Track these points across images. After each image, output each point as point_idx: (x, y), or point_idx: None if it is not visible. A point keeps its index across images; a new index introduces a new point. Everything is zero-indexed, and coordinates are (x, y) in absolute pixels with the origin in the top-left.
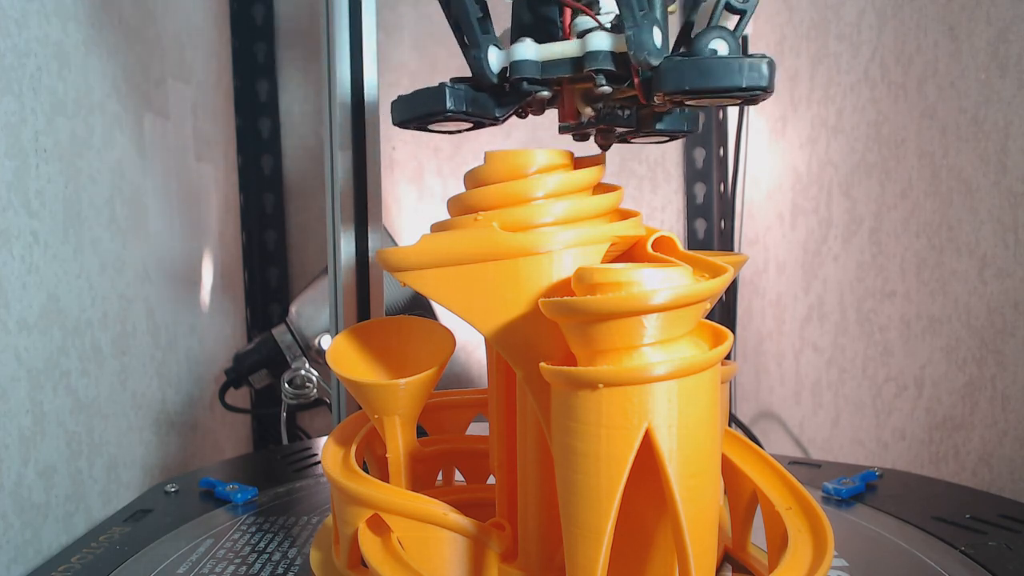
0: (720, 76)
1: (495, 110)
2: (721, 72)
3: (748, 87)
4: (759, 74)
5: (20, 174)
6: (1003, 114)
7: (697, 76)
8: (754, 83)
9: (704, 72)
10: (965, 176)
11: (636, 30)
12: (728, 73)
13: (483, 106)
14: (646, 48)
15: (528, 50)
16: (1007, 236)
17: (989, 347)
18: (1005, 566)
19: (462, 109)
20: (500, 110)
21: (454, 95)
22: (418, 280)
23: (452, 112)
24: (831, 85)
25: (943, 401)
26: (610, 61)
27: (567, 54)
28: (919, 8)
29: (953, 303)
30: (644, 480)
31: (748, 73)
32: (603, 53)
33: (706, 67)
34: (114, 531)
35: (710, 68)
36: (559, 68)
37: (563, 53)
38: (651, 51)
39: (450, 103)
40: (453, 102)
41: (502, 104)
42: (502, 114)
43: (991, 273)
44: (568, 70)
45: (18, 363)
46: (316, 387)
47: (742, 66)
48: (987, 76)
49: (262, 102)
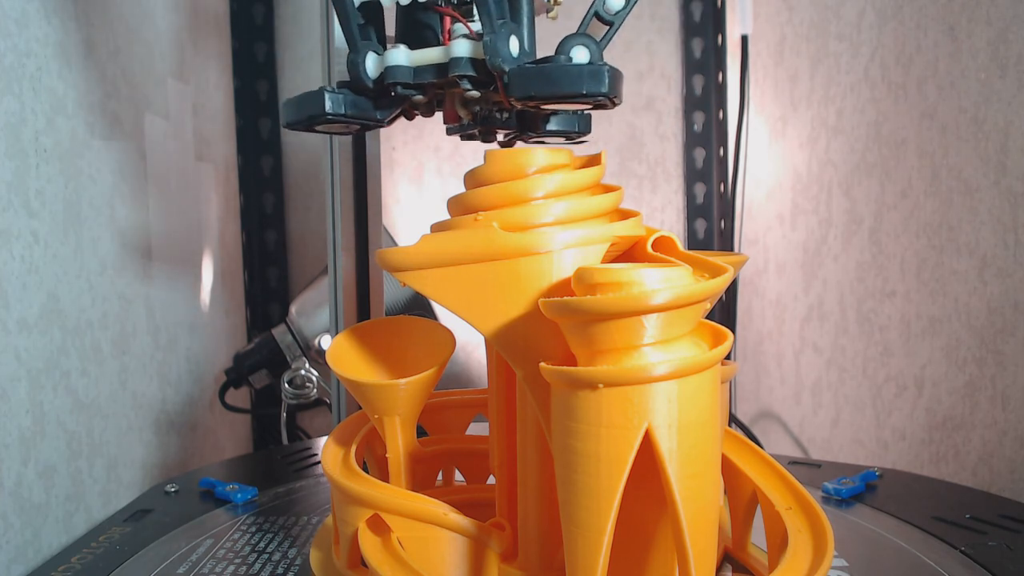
0: (562, 83)
1: (375, 113)
2: (563, 79)
3: (589, 93)
4: (599, 81)
5: (20, 174)
6: (1003, 114)
7: (541, 83)
8: (594, 90)
9: (547, 79)
10: (965, 176)
11: (492, 36)
12: (569, 80)
13: (364, 109)
14: (500, 55)
15: (400, 56)
16: (1007, 236)
17: (989, 347)
18: (1005, 566)
19: (341, 112)
20: (381, 113)
21: (333, 99)
22: (418, 280)
23: (331, 115)
24: (831, 85)
25: (943, 401)
26: (470, 67)
27: (434, 60)
28: (919, 8)
29: (953, 303)
30: (644, 480)
31: (588, 80)
32: (464, 59)
33: (550, 74)
34: (114, 531)
35: (553, 75)
36: (428, 73)
37: (431, 59)
38: (505, 58)
39: (329, 106)
40: (332, 105)
41: (382, 107)
42: (384, 116)
43: (991, 273)
44: (435, 75)
45: (18, 363)
46: (316, 387)
47: (582, 73)
48: (987, 76)
49: (262, 102)
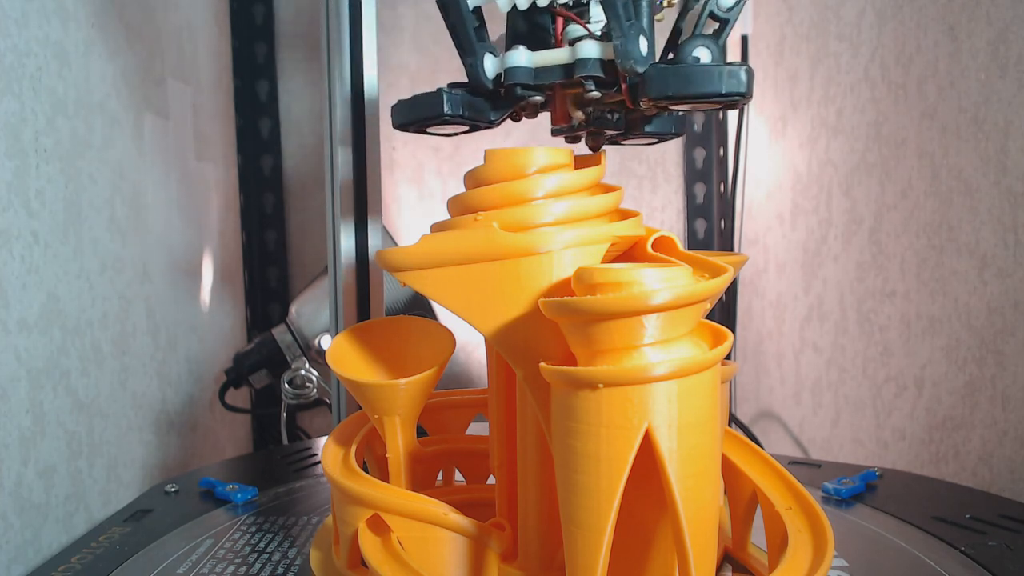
0: (701, 83)
1: (490, 114)
2: (702, 79)
3: (727, 93)
4: (738, 81)
5: (20, 174)
6: (1003, 114)
7: (679, 83)
8: (733, 89)
9: (686, 79)
10: (965, 176)
11: (623, 39)
12: (709, 80)
13: (479, 110)
14: (632, 56)
15: (521, 57)
16: (1007, 236)
17: (989, 347)
18: (1005, 566)
19: (458, 113)
20: (495, 114)
21: (451, 100)
22: (418, 280)
23: (449, 116)
24: (831, 85)
25: (943, 401)
26: (599, 68)
27: (558, 61)
28: (919, 8)
29: (953, 303)
30: (644, 480)
31: (727, 80)
32: (592, 60)
33: (688, 74)
34: (114, 531)
35: (692, 75)
36: (551, 74)
37: (555, 60)
38: (637, 59)
39: (447, 107)
40: (450, 106)
41: (497, 108)
42: (497, 118)
43: (991, 273)
44: (559, 76)
45: (18, 363)
46: (316, 387)
47: (722, 73)
48: (987, 76)
49: (262, 102)
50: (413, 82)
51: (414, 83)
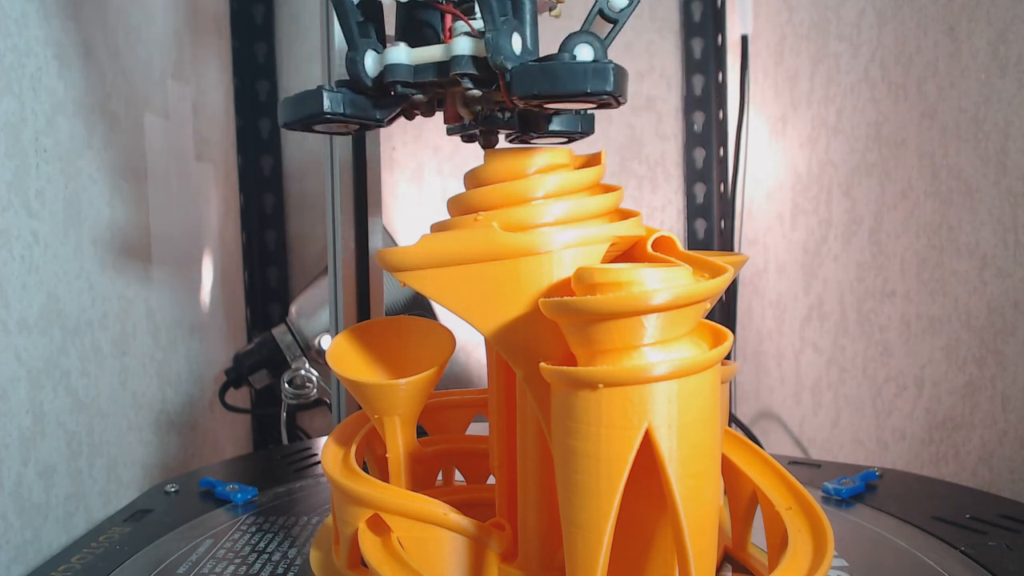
0: (566, 81)
1: (375, 112)
2: (567, 77)
3: (593, 92)
4: (604, 79)
5: (20, 174)
6: (1003, 114)
7: (545, 81)
8: (599, 88)
9: (551, 77)
10: (965, 176)
11: (495, 34)
12: (573, 78)
13: (363, 108)
14: (502, 52)
15: (400, 54)
16: (1007, 236)
17: (989, 347)
18: (1005, 566)
19: (340, 111)
20: (381, 112)
21: (332, 98)
22: (418, 280)
23: (330, 115)
24: (831, 85)
25: (943, 401)
26: (472, 65)
27: (434, 58)
28: (919, 8)
29: (953, 303)
30: (644, 480)
31: (592, 78)
32: (465, 57)
33: (554, 72)
34: (114, 531)
35: (557, 73)
36: (428, 72)
37: (431, 57)
38: (507, 55)
39: (327, 105)
40: (330, 104)
41: (381, 107)
42: (384, 116)
43: (991, 273)
44: (435, 74)
45: (18, 363)
46: (316, 387)
47: (587, 71)
48: (987, 76)
49: (262, 102)
50: None
51: None
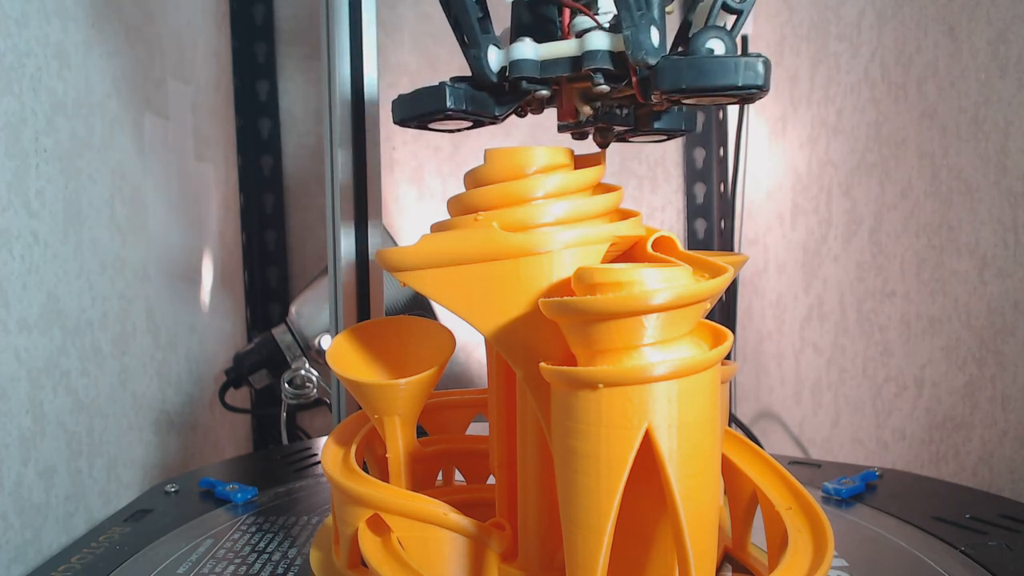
0: (716, 75)
1: (494, 109)
2: (717, 71)
3: (744, 86)
4: (755, 73)
5: (20, 174)
6: (1003, 114)
7: (694, 75)
8: (750, 82)
9: (701, 71)
10: (965, 176)
11: (634, 30)
12: (724, 72)
13: (483, 105)
14: (644, 47)
15: (527, 49)
16: (1007, 236)
17: (989, 347)
18: (1005, 566)
19: (462, 108)
20: (499, 109)
21: (454, 94)
22: (418, 280)
23: (452, 111)
24: (831, 85)
25: (943, 401)
26: (608, 60)
27: (566, 53)
28: (919, 8)
29: (953, 303)
30: (644, 480)
31: (744, 72)
32: (601, 52)
33: (703, 66)
34: (114, 531)
35: (706, 67)
36: (558, 67)
37: (562, 52)
38: (648, 50)
39: (450, 102)
40: (453, 101)
41: (501, 103)
42: (501, 113)
43: (991, 273)
44: (567, 69)
45: (18, 363)
46: (316, 387)
47: (738, 65)
48: (987, 76)
49: (262, 102)
50: (413, 82)
51: (414, 83)
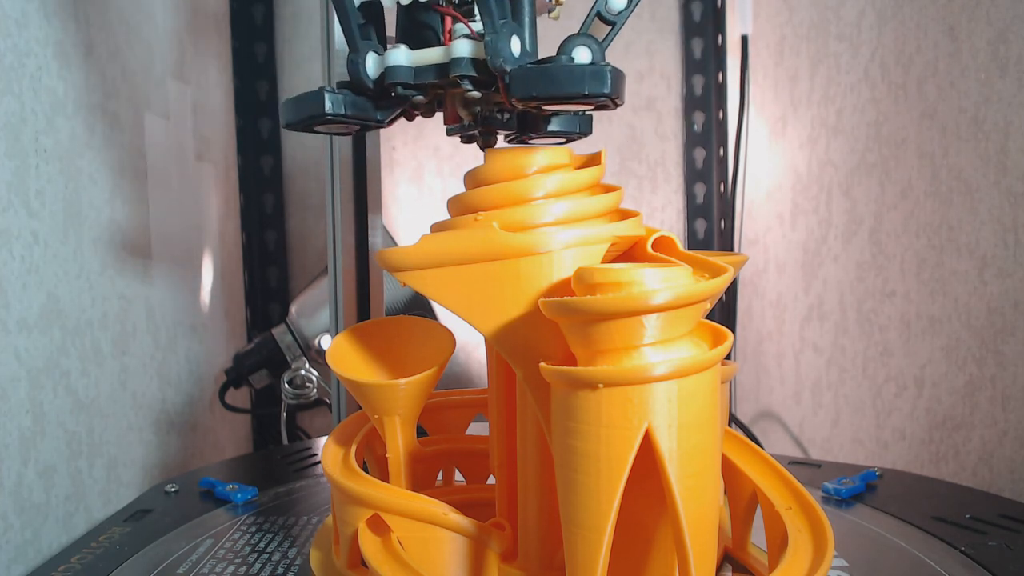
0: (564, 83)
1: (376, 113)
2: (565, 79)
3: (591, 94)
4: (601, 81)
5: (20, 174)
6: (1003, 114)
7: (543, 83)
8: (596, 90)
9: (549, 79)
10: (965, 176)
11: (494, 36)
12: (571, 80)
13: (363, 109)
14: (501, 55)
15: (401, 56)
16: (1007, 236)
17: (989, 347)
18: (1005, 566)
19: (341, 112)
20: (382, 113)
21: (333, 99)
22: (418, 280)
23: (331, 115)
24: (831, 85)
25: (943, 401)
26: (471, 67)
27: (435, 60)
28: (919, 8)
29: (953, 303)
30: (644, 480)
31: (590, 80)
32: (465, 60)
33: (552, 74)
34: (114, 531)
35: (555, 75)
36: (429, 74)
37: (431, 59)
38: (506, 58)
39: (329, 106)
40: (332, 106)
41: (382, 108)
42: (384, 117)
43: (991, 273)
44: (435, 76)
45: (18, 363)
46: (316, 387)
47: (584, 73)
48: (987, 76)
49: (262, 102)
50: None
51: None
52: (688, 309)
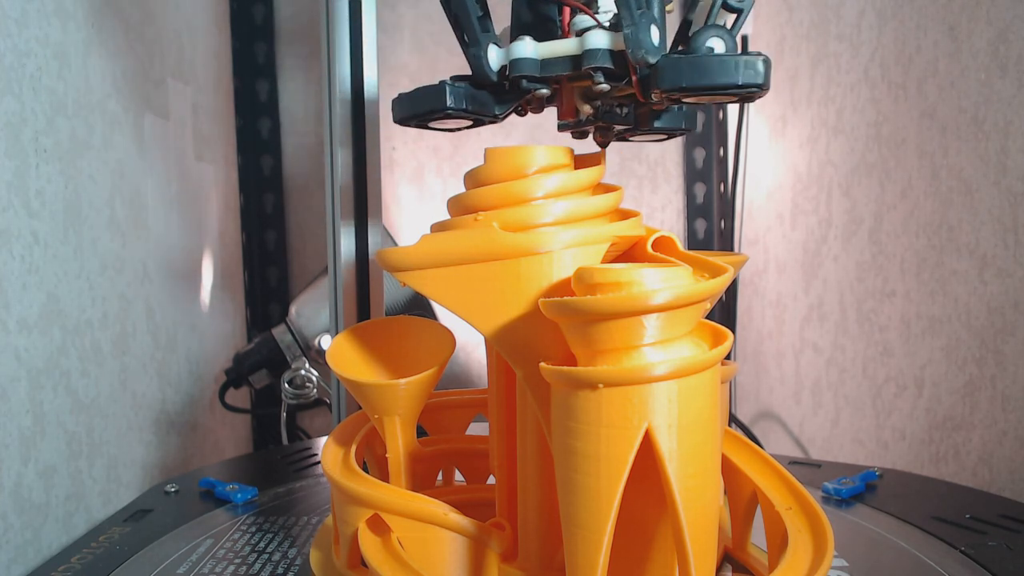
0: (717, 74)
1: (495, 108)
2: (718, 70)
3: (744, 84)
4: (755, 72)
5: (20, 174)
6: (1003, 114)
7: (694, 74)
8: (750, 80)
9: (701, 70)
10: (965, 176)
11: (634, 28)
12: (724, 71)
13: (483, 104)
14: (644, 46)
15: (527, 48)
16: (1007, 236)
17: (989, 347)
18: (1005, 566)
19: (462, 107)
20: (500, 108)
21: (454, 93)
22: (418, 280)
23: (452, 110)
24: (831, 85)
25: (943, 401)
26: (608, 59)
27: (566, 52)
28: (919, 8)
29: (953, 303)
30: (644, 480)
31: (744, 71)
32: (601, 51)
33: (703, 65)
34: (114, 531)
35: (707, 66)
36: (558, 66)
37: (562, 51)
38: (649, 49)
39: (450, 100)
40: (453, 100)
41: (501, 102)
42: (502, 111)
43: (991, 273)
44: (567, 68)
45: (18, 363)
46: (316, 387)
47: (738, 64)
48: (987, 76)
49: (262, 102)
50: (413, 82)
51: (414, 83)
52: (688, 309)
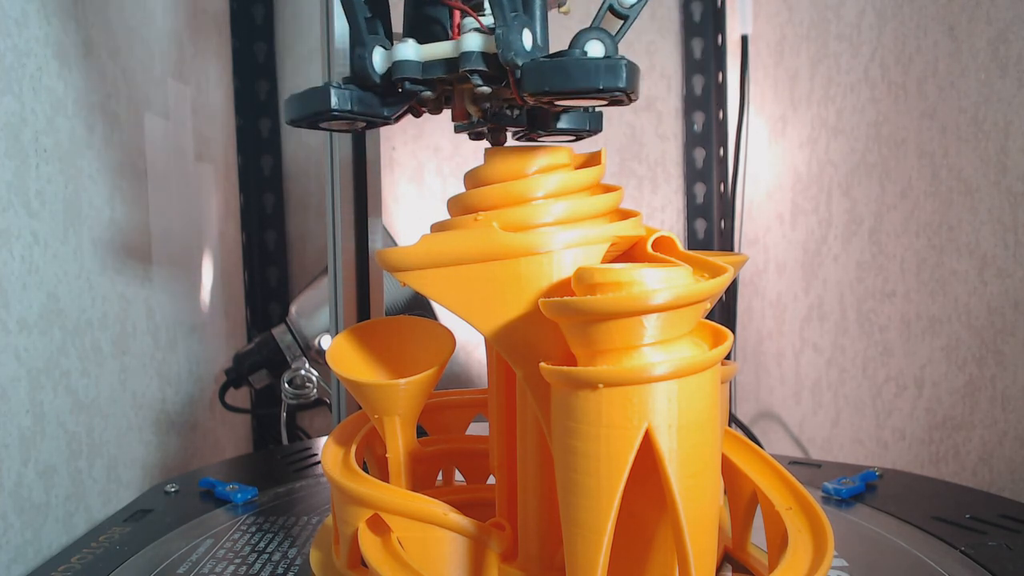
0: (578, 77)
1: (383, 109)
2: (579, 73)
3: (605, 88)
4: (615, 76)
5: (20, 174)
6: (1003, 114)
7: (556, 77)
8: (611, 84)
9: (563, 73)
10: (965, 176)
11: (505, 30)
12: (585, 74)
13: (370, 105)
14: (513, 48)
15: (409, 50)
16: (1007, 236)
17: (989, 347)
18: (1005, 566)
19: (347, 108)
20: (388, 110)
21: (339, 95)
22: (418, 280)
23: (337, 111)
24: (831, 85)
25: (943, 401)
26: (482, 61)
27: (444, 55)
28: (919, 8)
29: (953, 303)
30: (644, 480)
31: (605, 74)
32: (475, 54)
33: (565, 68)
34: (114, 531)
35: (569, 69)
36: (437, 68)
37: (440, 54)
38: (518, 51)
39: (335, 102)
40: (338, 101)
41: (389, 104)
42: (391, 113)
43: (991, 273)
44: (444, 70)
45: (18, 363)
46: (316, 387)
47: (599, 67)
48: (987, 76)
49: (262, 102)
50: None
51: None
52: (688, 309)
